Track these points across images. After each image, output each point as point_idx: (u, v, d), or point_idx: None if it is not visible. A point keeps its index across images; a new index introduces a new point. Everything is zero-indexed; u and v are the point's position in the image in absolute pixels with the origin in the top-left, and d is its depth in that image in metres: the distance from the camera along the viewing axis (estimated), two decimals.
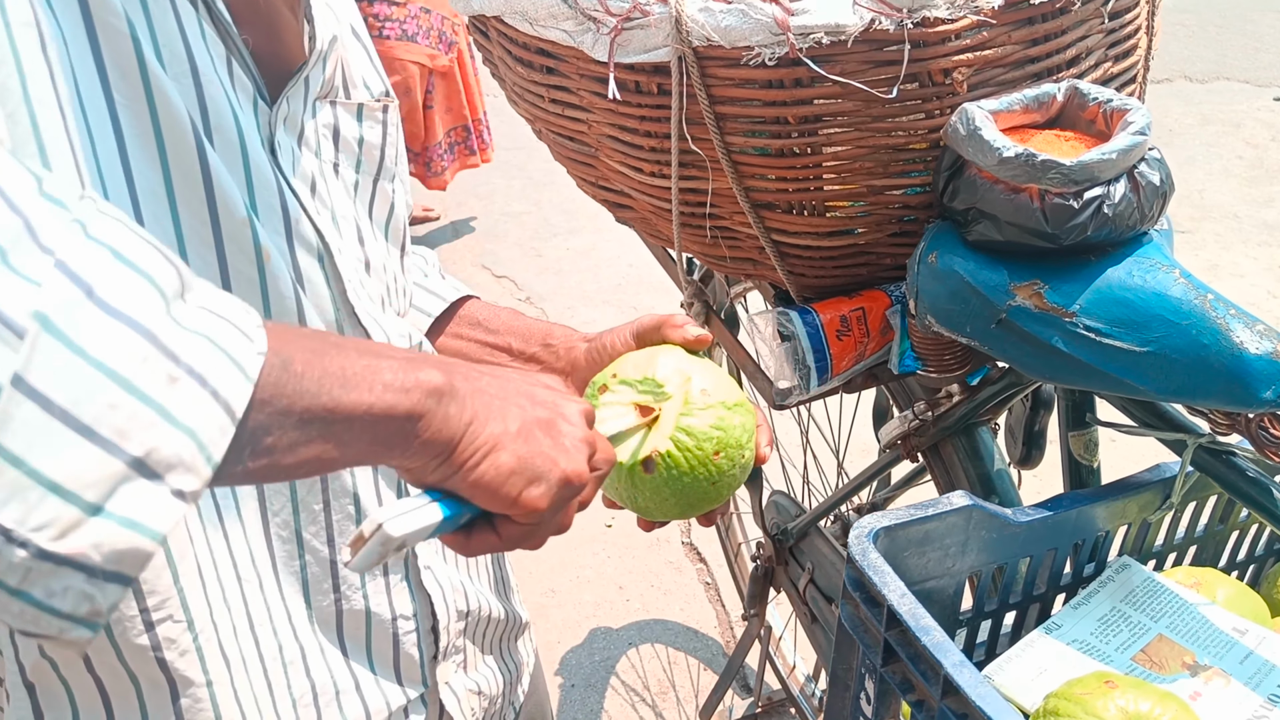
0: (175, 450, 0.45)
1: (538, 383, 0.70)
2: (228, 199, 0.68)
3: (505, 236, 3.96)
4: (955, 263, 1.01)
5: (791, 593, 1.76)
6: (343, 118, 0.83)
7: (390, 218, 0.89)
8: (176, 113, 0.65)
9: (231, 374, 0.47)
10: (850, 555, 0.89)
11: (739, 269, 1.25)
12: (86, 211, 0.45)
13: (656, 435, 0.82)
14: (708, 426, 0.83)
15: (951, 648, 0.80)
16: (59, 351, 0.42)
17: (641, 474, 0.80)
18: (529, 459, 0.63)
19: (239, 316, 0.50)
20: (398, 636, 0.87)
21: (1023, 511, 0.98)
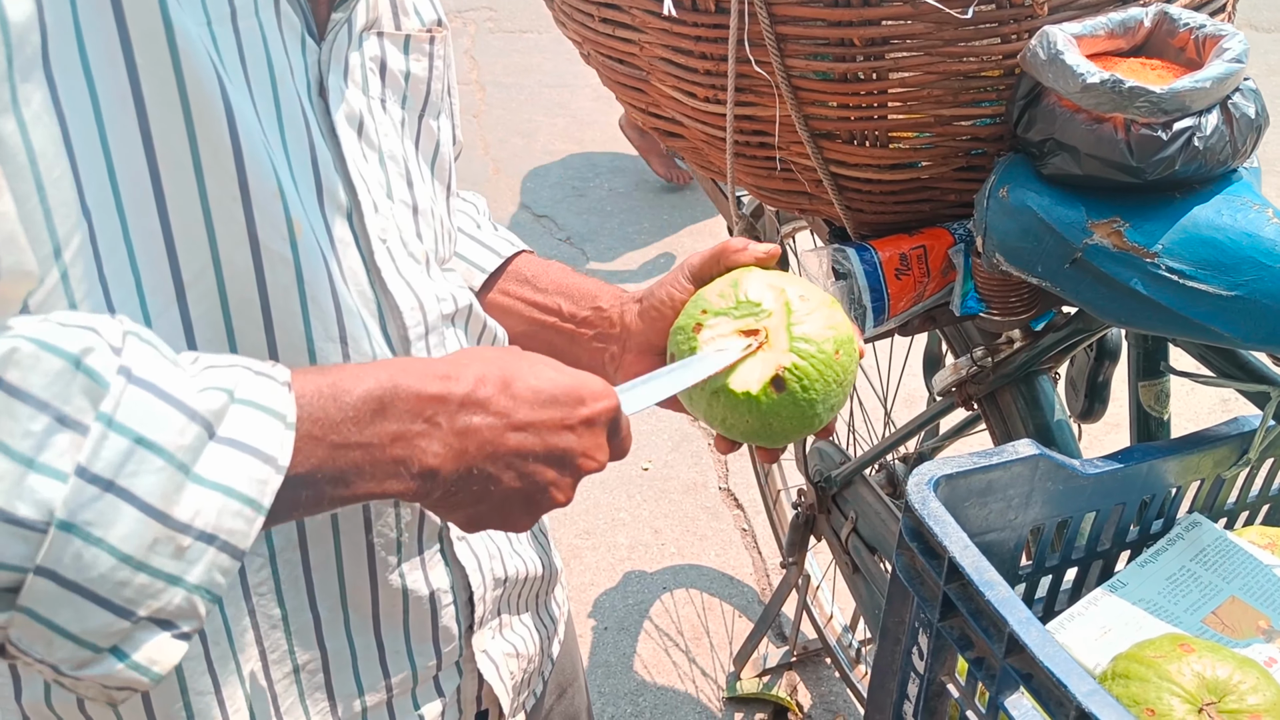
0: (180, 605, 0.52)
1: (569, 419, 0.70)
2: (259, 168, 0.63)
3: (547, 176, 3.90)
4: (1028, 197, 0.95)
5: (833, 542, 1.72)
6: (389, 51, 0.78)
7: (436, 156, 0.84)
8: (203, 73, 0.60)
9: (241, 528, 0.53)
10: (909, 503, 0.84)
11: (793, 203, 1.19)
12: (116, 389, 0.50)
13: (773, 354, 0.79)
14: (822, 327, 0.80)
15: (1018, 603, 0.75)
16: (75, 544, 0.49)
17: (772, 396, 0.78)
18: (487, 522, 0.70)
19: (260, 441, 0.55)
20: (436, 612, 0.83)
21: (1091, 463, 0.93)
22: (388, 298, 0.75)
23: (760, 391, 0.78)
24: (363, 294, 0.73)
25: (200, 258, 0.63)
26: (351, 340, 0.71)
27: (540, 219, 3.67)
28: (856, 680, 1.98)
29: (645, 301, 0.91)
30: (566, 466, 0.70)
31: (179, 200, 0.61)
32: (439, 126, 0.84)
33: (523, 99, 4.40)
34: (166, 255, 0.61)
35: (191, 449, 0.52)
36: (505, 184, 3.87)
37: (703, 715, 2.07)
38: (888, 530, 1.56)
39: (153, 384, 0.52)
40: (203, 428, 0.53)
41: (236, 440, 0.54)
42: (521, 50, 4.83)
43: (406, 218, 0.78)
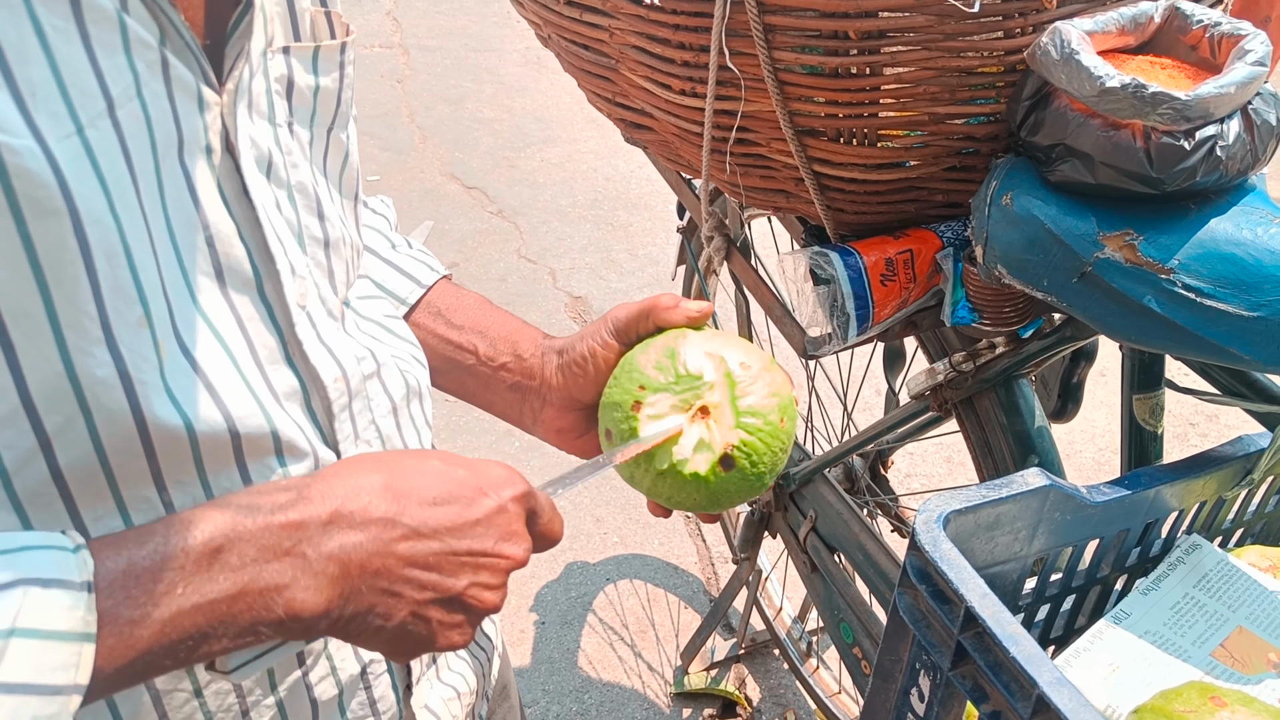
0: None
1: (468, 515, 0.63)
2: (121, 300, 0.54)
3: (476, 145, 3.77)
4: (1034, 206, 0.89)
5: (790, 540, 1.66)
6: (295, 67, 0.68)
7: (344, 168, 0.75)
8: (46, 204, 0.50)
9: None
10: (917, 542, 0.78)
11: (769, 201, 1.12)
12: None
13: (720, 430, 0.77)
14: (766, 396, 0.78)
15: (1045, 661, 0.69)
16: None
17: (721, 474, 0.76)
18: (398, 642, 0.62)
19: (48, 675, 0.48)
20: (370, 685, 0.76)
21: (1099, 490, 0.88)
22: (309, 370, 0.66)
23: (709, 472, 0.76)
24: (275, 379, 0.64)
25: (65, 409, 0.54)
26: (250, 451, 0.62)
27: (471, 191, 3.54)
28: (807, 673, 1.94)
29: (566, 355, 0.85)
30: (482, 569, 0.63)
31: (33, 358, 0.52)
32: (347, 136, 0.74)
33: (448, 63, 4.24)
34: (25, 413, 0.53)
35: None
36: (433, 153, 3.73)
37: (650, 711, 2.01)
38: (848, 530, 1.51)
39: None
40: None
41: (16, 684, 0.47)
42: (446, 12, 4.66)
43: (320, 260, 0.69)
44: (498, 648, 0.98)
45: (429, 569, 0.60)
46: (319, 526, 0.57)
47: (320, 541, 0.56)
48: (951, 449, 2.50)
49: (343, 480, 0.59)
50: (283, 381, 0.64)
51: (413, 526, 0.60)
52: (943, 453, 2.50)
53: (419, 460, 0.63)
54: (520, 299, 3.03)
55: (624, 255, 3.23)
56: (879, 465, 1.68)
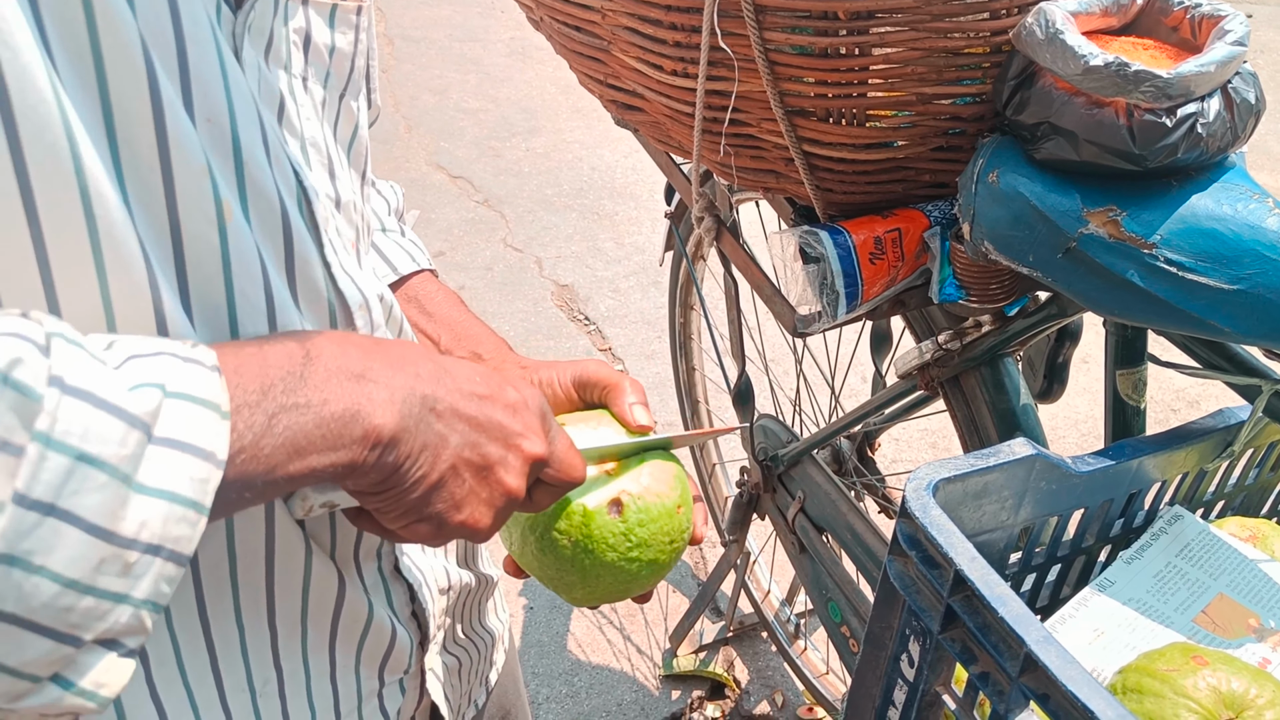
0: (127, 623, 0.48)
1: (505, 399, 0.65)
2: (182, 140, 0.54)
3: (461, 135, 3.77)
4: (1020, 184, 0.91)
5: (778, 521, 1.68)
6: (314, 21, 0.68)
7: (354, 140, 0.75)
8: (121, 27, 0.51)
9: (185, 533, 0.49)
10: (908, 509, 0.80)
11: (759, 181, 1.14)
12: (50, 403, 0.45)
13: (622, 480, 0.76)
14: (671, 476, 0.78)
15: (1033, 620, 0.71)
16: (14, 576, 0.44)
17: (602, 521, 0.74)
18: (432, 503, 0.62)
19: (197, 436, 0.49)
20: (394, 630, 0.77)
21: (1083, 461, 0.90)
22: (339, 297, 0.67)
23: (595, 509, 0.74)
24: (313, 292, 0.64)
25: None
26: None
27: (456, 180, 3.54)
28: (795, 655, 1.97)
29: (529, 373, 0.86)
30: (510, 448, 0.64)
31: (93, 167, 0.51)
32: (358, 108, 0.74)
33: (433, 54, 4.24)
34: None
35: (133, 457, 0.47)
36: (418, 143, 3.73)
37: (639, 693, 2.03)
38: (837, 510, 1.53)
39: (88, 392, 0.46)
40: (142, 432, 0.47)
41: (174, 439, 0.48)
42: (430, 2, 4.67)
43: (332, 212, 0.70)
44: (502, 642, 0.99)
45: (472, 426, 0.62)
46: (381, 365, 0.58)
47: (382, 373, 0.58)
48: (937, 434, 2.53)
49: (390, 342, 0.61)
50: (317, 301, 0.65)
51: (461, 387, 0.62)
52: (927, 438, 2.53)
53: (490, 384, 0.65)
54: (506, 288, 3.04)
55: (610, 244, 3.25)
56: (866, 447, 1.70)
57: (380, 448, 0.56)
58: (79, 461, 0.45)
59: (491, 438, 0.63)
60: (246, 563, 0.66)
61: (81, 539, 0.45)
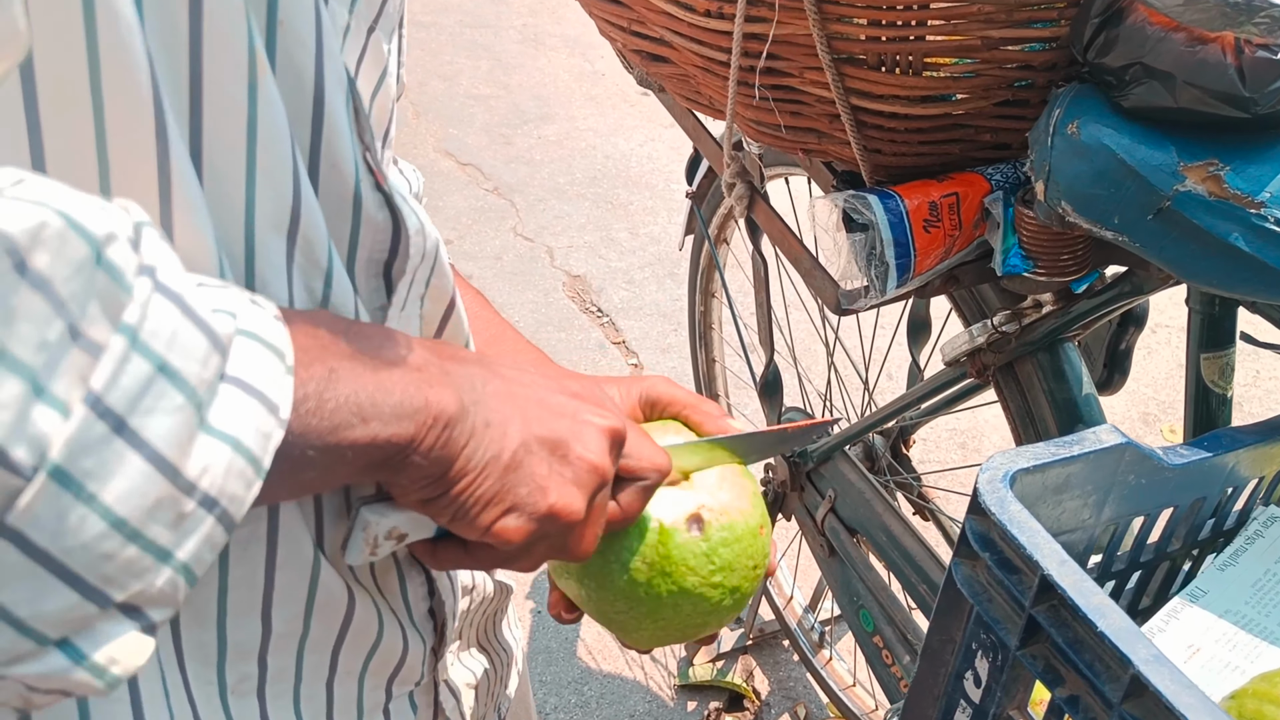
0: (162, 588, 0.41)
1: (563, 386, 0.60)
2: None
3: (471, 122, 3.66)
4: (1104, 135, 0.79)
5: (806, 522, 1.57)
6: None
7: (379, 87, 0.63)
8: None
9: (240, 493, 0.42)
10: (982, 504, 0.69)
11: (798, 141, 1.03)
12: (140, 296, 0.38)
13: (698, 493, 0.66)
14: (751, 492, 0.68)
15: (1140, 636, 0.60)
16: (63, 500, 0.36)
17: (682, 540, 0.63)
18: (512, 488, 0.55)
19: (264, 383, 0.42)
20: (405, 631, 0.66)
21: (1176, 452, 0.79)
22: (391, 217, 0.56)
23: (673, 525, 0.64)
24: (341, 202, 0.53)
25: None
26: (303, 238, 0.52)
27: (465, 168, 3.44)
28: (819, 666, 1.85)
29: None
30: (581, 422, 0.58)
31: None
32: (388, 51, 0.62)
33: (443, 39, 4.14)
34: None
35: (210, 385, 0.40)
36: (427, 129, 3.63)
37: (653, 704, 1.92)
38: (871, 510, 1.42)
39: (178, 295, 0.39)
40: (221, 357, 0.41)
41: (243, 380, 0.42)
42: None
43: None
44: (517, 662, 0.88)
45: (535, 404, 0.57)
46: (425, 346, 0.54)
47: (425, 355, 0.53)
48: (966, 434, 2.41)
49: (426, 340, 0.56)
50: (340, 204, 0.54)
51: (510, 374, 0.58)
52: (956, 438, 2.41)
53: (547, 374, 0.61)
54: (516, 278, 2.93)
55: (624, 234, 3.14)
56: (900, 444, 1.59)
57: (442, 424, 0.51)
58: (160, 373, 0.38)
59: (557, 414, 0.57)
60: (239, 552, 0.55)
61: (144, 470, 0.38)
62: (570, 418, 0.57)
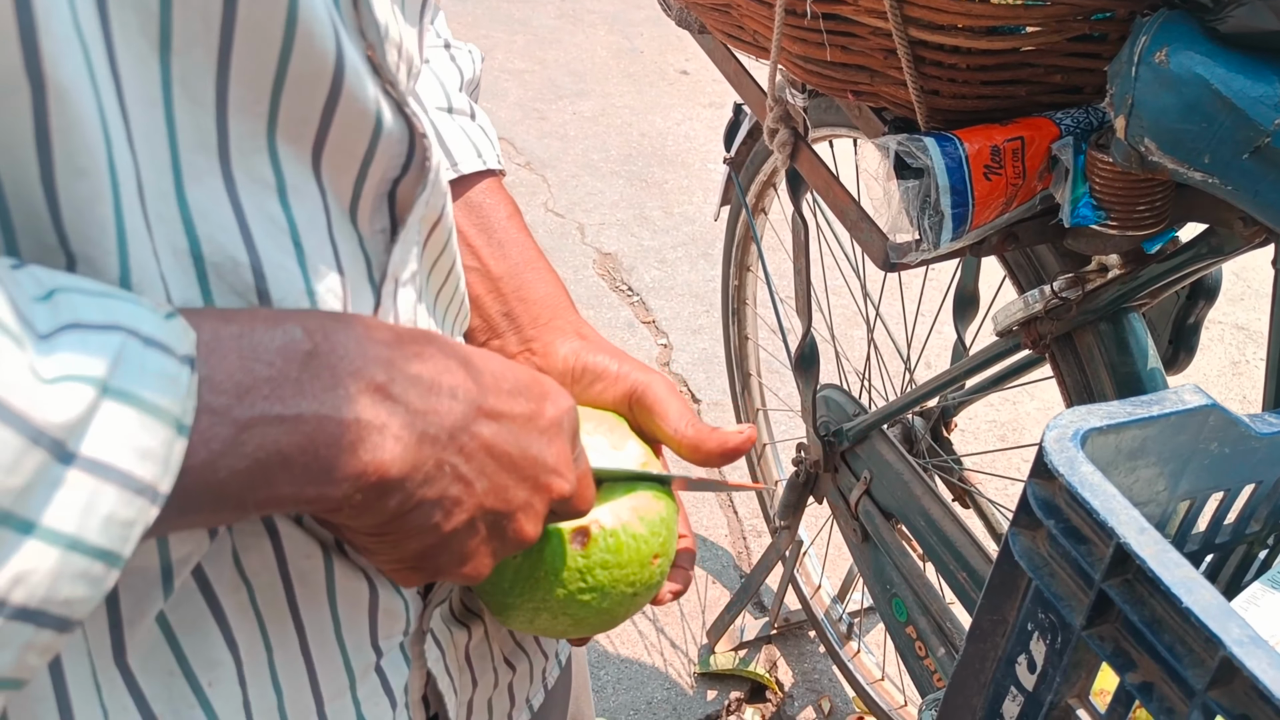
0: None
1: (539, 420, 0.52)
2: None
3: (505, 96, 3.60)
4: (1197, 64, 0.71)
5: (839, 505, 1.49)
6: None
7: None
8: None
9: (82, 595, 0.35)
10: (1048, 464, 0.61)
11: (848, 81, 0.95)
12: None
13: (597, 508, 0.62)
14: (658, 519, 0.64)
15: (1233, 614, 0.52)
16: None
17: (558, 548, 0.60)
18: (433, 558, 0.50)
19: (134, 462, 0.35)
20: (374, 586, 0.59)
21: (1265, 420, 0.70)
22: (404, 121, 0.49)
23: (554, 531, 0.60)
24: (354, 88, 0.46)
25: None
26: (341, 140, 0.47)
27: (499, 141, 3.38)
28: (846, 658, 1.77)
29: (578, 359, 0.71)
30: (538, 487, 0.52)
31: None
32: None
33: (479, 13, 4.08)
34: None
35: (21, 490, 0.33)
36: None
37: (671, 691, 1.85)
38: (909, 493, 1.34)
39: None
40: (48, 452, 0.33)
41: (99, 462, 0.34)
42: None
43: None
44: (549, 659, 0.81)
45: (503, 467, 0.50)
46: (408, 377, 0.45)
47: (410, 389, 0.45)
48: (1007, 427, 2.32)
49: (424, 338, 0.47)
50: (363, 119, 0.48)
51: (496, 408, 0.49)
52: (996, 430, 2.32)
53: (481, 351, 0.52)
54: (547, 253, 2.85)
55: (658, 213, 3.06)
56: (942, 426, 1.50)
57: (377, 489, 0.44)
58: None
59: (521, 478, 0.51)
60: None
61: None
62: (531, 483, 0.52)
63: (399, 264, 0.53)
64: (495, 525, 0.51)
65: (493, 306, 0.72)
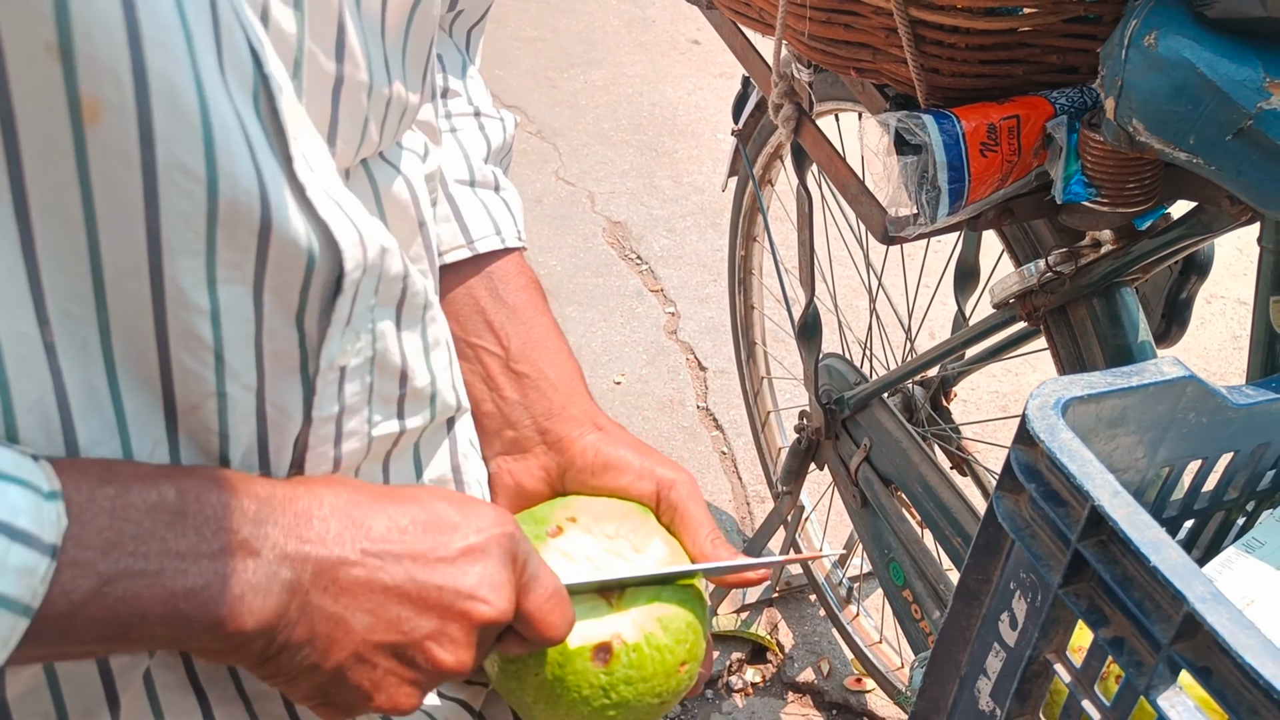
0: None
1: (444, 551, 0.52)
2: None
3: (517, 64, 3.61)
4: (1184, 47, 0.74)
5: (839, 471, 1.53)
6: None
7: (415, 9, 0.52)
8: None
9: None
10: (1030, 430, 0.64)
11: (850, 58, 0.97)
12: None
13: (620, 619, 0.61)
14: (684, 625, 0.62)
15: (1197, 573, 0.55)
16: None
17: (581, 667, 0.59)
18: (333, 693, 0.51)
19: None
20: None
21: (1241, 392, 0.73)
22: (320, 226, 0.47)
23: (577, 650, 0.59)
24: (284, 220, 0.45)
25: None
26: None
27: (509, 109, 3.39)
28: (846, 621, 1.82)
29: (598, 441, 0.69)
30: (450, 618, 0.51)
31: None
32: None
33: None
34: None
35: None
36: None
37: None
38: (908, 460, 1.37)
39: None
40: None
41: None
42: None
43: (322, 105, 0.49)
44: None
45: (392, 600, 0.50)
46: (282, 521, 0.47)
47: (273, 536, 0.46)
48: (1009, 397, 2.35)
49: (302, 485, 0.49)
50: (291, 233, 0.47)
51: (378, 546, 0.49)
52: (998, 401, 2.35)
53: (394, 488, 0.53)
54: (556, 221, 2.89)
55: (667, 182, 3.08)
56: (941, 395, 1.54)
57: (235, 639, 0.46)
58: None
59: (423, 609, 0.51)
60: None
61: None
62: (438, 611, 0.51)
63: (337, 355, 0.50)
64: (400, 656, 0.51)
65: (506, 388, 0.69)
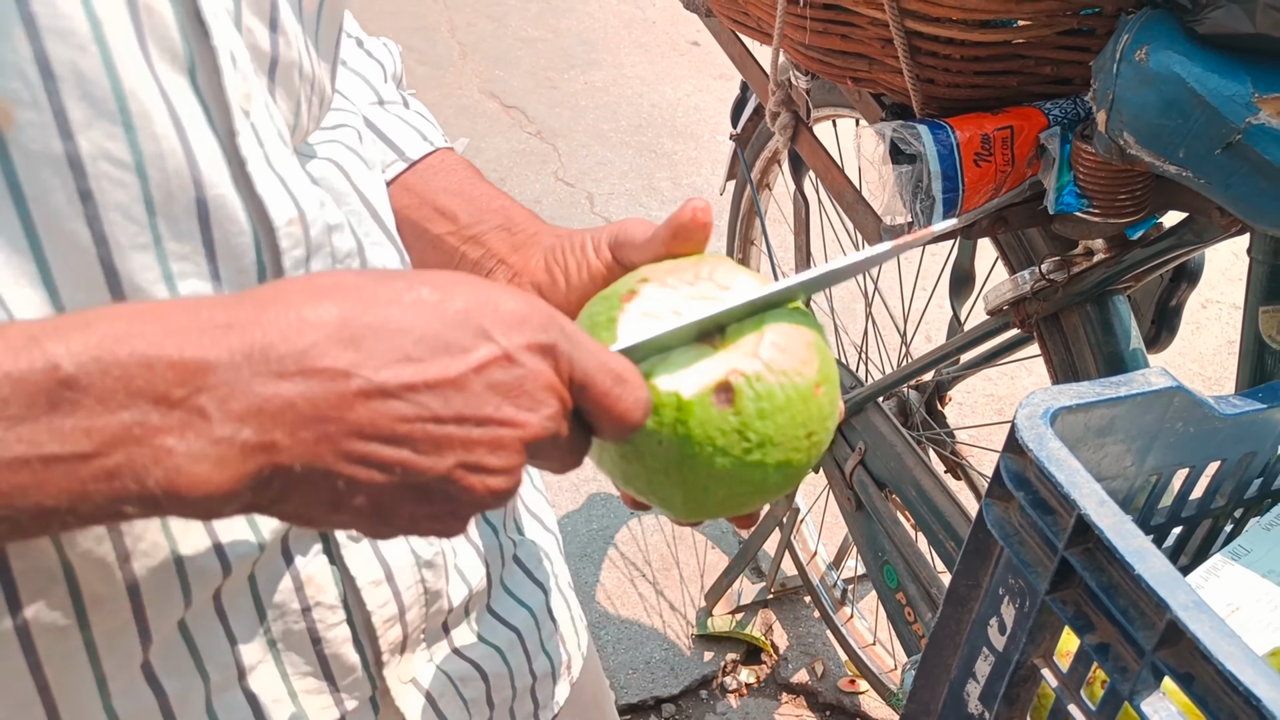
0: None
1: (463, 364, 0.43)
2: None
3: (517, 64, 3.62)
4: (1175, 62, 0.75)
5: (834, 474, 1.54)
6: None
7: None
8: None
9: None
10: (1019, 440, 0.65)
11: (847, 68, 0.98)
12: None
13: (731, 353, 0.53)
14: (803, 345, 0.54)
15: (1180, 581, 0.56)
16: None
17: (710, 410, 0.51)
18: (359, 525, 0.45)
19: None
20: (316, 633, 0.59)
21: (1228, 402, 0.75)
22: (255, 205, 0.48)
23: (695, 398, 0.51)
24: (220, 200, 0.47)
25: None
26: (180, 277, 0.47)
27: (509, 110, 3.40)
28: (840, 623, 1.83)
29: (551, 253, 0.65)
30: (477, 444, 0.44)
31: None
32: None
33: None
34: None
35: None
36: (472, 70, 3.59)
37: (669, 651, 1.90)
38: (902, 464, 1.39)
39: None
40: None
41: None
42: None
43: (260, 79, 0.50)
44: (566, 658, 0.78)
45: (394, 442, 0.42)
46: (230, 369, 0.39)
47: (230, 393, 0.39)
48: (1004, 401, 2.36)
49: (281, 308, 0.41)
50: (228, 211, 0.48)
51: (375, 381, 0.41)
52: (993, 404, 2.36)
53: (400, 287, 0.44)
54: (555, 221, 2.88)
55: (666, 184, 3.10)
56: (936, 400, 1.55)
57: (200, 503, 0.40)
58: None
59: (437, 444, 0.43)
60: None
61: None
62: (462, 445, 0.44)
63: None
64: (422, 496, 0.44)
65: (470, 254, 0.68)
